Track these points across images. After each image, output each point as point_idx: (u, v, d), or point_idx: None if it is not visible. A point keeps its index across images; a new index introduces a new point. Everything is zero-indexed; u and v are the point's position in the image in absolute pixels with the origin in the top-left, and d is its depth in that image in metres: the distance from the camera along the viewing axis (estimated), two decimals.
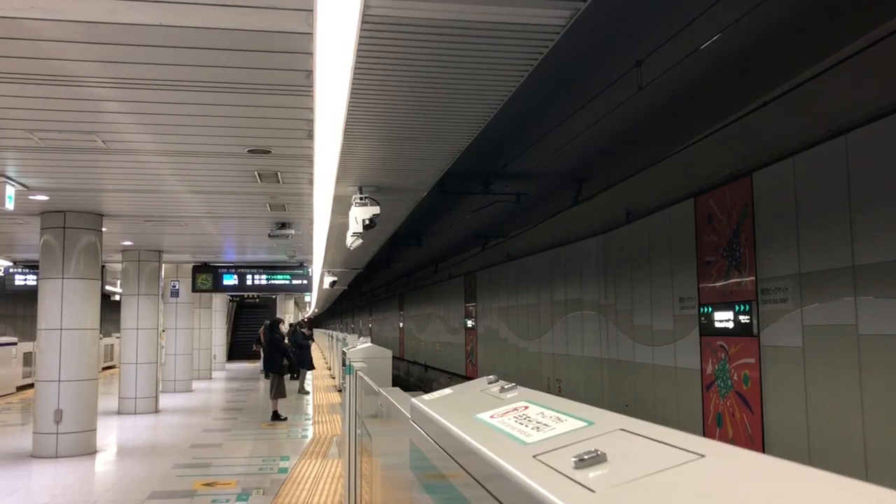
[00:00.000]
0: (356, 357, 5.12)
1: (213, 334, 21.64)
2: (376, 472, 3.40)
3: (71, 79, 4.35)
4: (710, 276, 8.47)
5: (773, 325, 7.29)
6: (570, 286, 13.35)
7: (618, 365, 11.29)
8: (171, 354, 16.71)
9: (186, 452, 9.01)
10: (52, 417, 8.63)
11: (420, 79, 4.16)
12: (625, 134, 8.40)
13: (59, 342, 8.72)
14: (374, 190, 7.28)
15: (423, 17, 3.34)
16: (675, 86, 6.79)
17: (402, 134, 5.36)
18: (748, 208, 7.71)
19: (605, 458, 0.90)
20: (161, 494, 6.83)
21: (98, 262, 9.29)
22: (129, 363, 13.04)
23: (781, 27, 5.78)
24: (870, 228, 6.08)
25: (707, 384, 8.55)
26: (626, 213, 10.84)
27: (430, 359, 25.88)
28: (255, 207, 8.82)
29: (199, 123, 5.31)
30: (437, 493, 1.58)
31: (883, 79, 5.83)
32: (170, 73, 4.26)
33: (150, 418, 12.41)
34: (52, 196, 8.05)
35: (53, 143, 5.79)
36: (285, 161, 6.40)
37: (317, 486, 6.98)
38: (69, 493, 7.02)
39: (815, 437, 6.70)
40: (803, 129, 6.79)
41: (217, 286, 15.36)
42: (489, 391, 1.72)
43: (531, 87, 5.27)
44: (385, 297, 38.18)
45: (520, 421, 1.28)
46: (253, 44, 3.83)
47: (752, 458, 0.81)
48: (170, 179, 7.18)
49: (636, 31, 5.99)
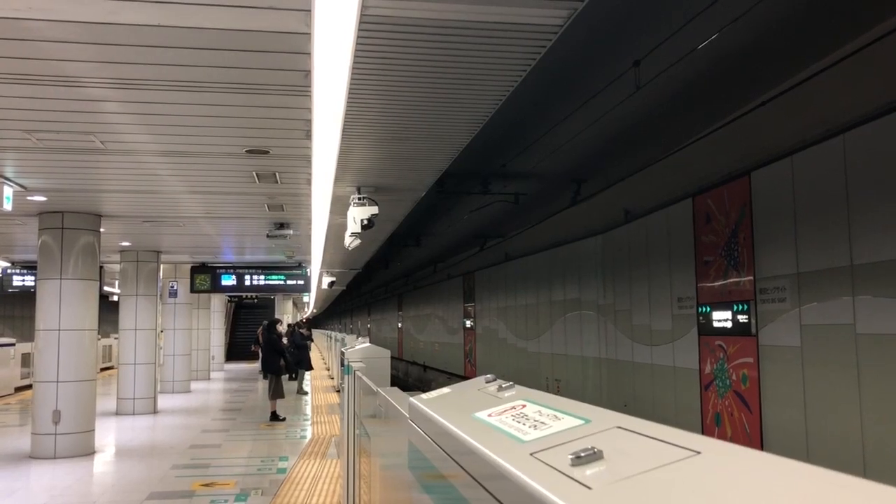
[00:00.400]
0: (354, 357, 5.12)
1: (211, 335, 21.64)
2: (375, 472, 3.41)
3: (69, 79, 4.35)
4: (709, 276, 8.48)
5: (771, 325, 7.30)
6: (568, 286, 13.36)
7: (616, 365, 11.30)
8: (170, 355, 16.70)
9: (185, 453, 9.01)
10: (50, 418, 8.62)
11: (418, 78, 4.16)
12: (623, 134, 8.41)
13: (57, 343, 8.72)
14: (373, 190, 7.28)
15: (421, 17, 3.34)
16: (674, 85, 6.79)
17: (400, 134, 5.36)
18: (746, 208, 7.72)
19: (602, 456, 0.90)
20: (160, 495, 6.83)
21: (96, 263, 9.29)
22: (127, 364, 13.03)
23: (779, 27, 5.79)
24: (868, 228, 6.09)
25: (706, 384, 8.56)
26: (624, 213, 10.85)
27: (429, 359, 25.88)
28: (254, 208, 8.82)
29: (198, 124, 5.31)
30: (436, 492, 1.58)
31: (881, 78, 5.84)
32: (168, 73, 4.26)
33: (148, 419, 12.40)
34: (50, 197, 8.04)
35: (51, 144, 5.78)
36: (283, 161, 6.40)
37: (315, 487, 6.98)
38: (67, 493, 7.01)
39: (813, 436, 6.71)
40: (801, 129, 6.80)
41: (215, 287, 15.35)
42: (487, 390, 1.73)
43: (529, 87, 5.27)
44: (384, 297, 38.18)
45: (517, 419, 1.28)
46: (251, 44, 3.83)
47: (748, 455, 0.81)
48: (168, 180, 7.18)
49: (634, 30, 6.00)
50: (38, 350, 8.89)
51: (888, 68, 5.66)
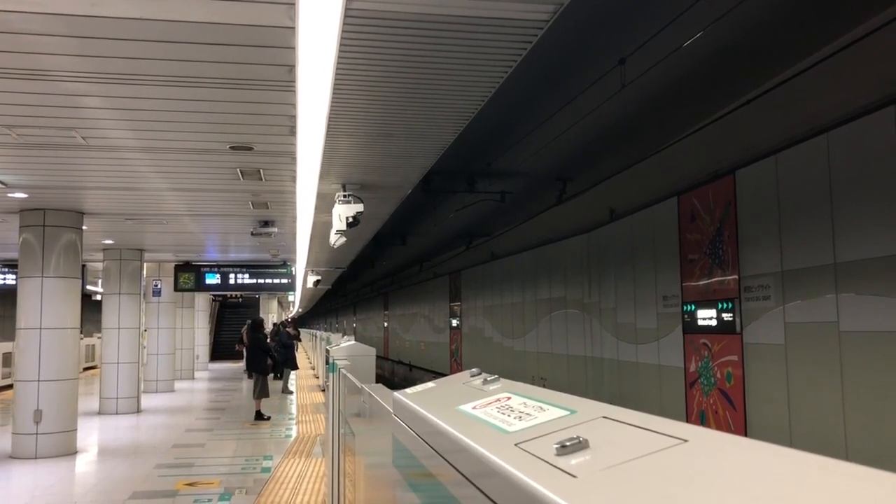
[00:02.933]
0: (340, 355, 5.09)
1: (195, 334, 21.49)
2: (360, 470, 3.38)
3: (50, 73, 4.29)
4: (694, 275, 8.51)
5: (755, 323, 7.33)
6: (554, 285, 13.38)
7: (601, 363, 11.32)
8: (154, 354, 16.57)
9: (169, 452, 8.93)
10: (31, 418, 8.52)
11: (404, 74, 4.14)
12: (608, 132, 8.42)
13: (38, 342, 8.61)
14: (358, 187, 7.25)
15: (406, 12, 3.32)
16: (659, 84, 6.81)
17: (385, 130, 5.34)
18: (731, 206, 7.75)
19: (588, 445, 0.89)
20: (143, 494, 6.76)
21: (78, 261, 9.19)
22: (110, 363, 12.92)
23: (764, 25, 5.81)
24: (851, 226, 6.13)
25: (690, 382, 8.59)
26: (609, 212, 10.87)
27: (415, 358, 25.85)
28: (238, 205, 8.75)
29: (181, 119, 5.26)
30: (420, 488, 1.56)
31: (864, 77, 5.88)
32: (150, 67, 4.21)
33: (131, 418, 12.29)
34: (32, 193, 7.95)
35: (32, 140, 5.71)
36: (268, 158, 6.36)
37: (300, 486, 6.94)
38: (49, 494, 6.93)
39: (797, 433, 6.75)
40: (786, 128, 6.83)
41: (199, 285, 15.25)
42: (472, 384, 1.71)
43: (514, 84, 5.26)
44: (369, 296, 38.09)
45: (502, 411, 1.26)
46: (234, 38, 3.79)
47: (735, 442, 0.80)
48: (151, 177, 7.11)
49: (619, 28, 6.01)
50: (19, 349, 8.78)
51: (873, 66, 5.70)
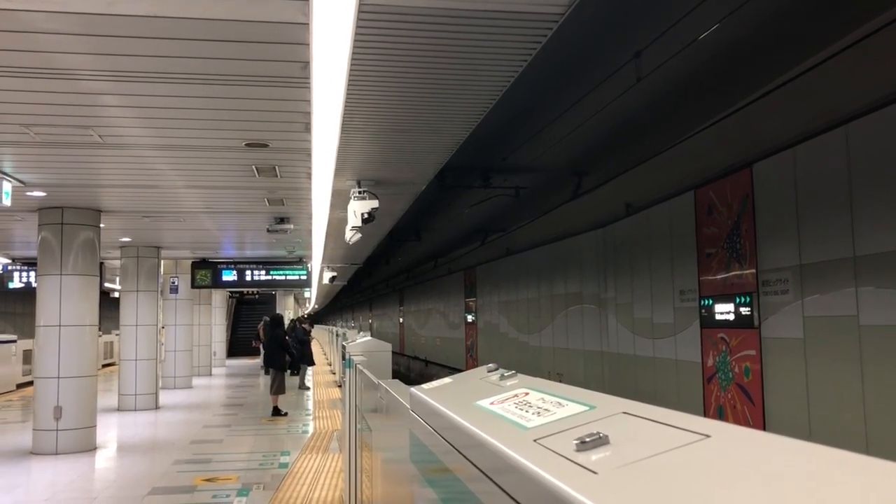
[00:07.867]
0: (356, 351, 5.10)
1: (212, 330, 21.63)
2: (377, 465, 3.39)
3: (67, 72, 4.32)
4: (711, 269, 8.45)
5: (773, 317, 7.27)
6: (569, 280, 13.33)
7: (618, 358, 11.27)
8: (171, 351, 16.70)
9: (187, 448, 9.00)
10: (51, 414, 8.61)
11: (418, 69, 4.13)
12: (624, 126, 8.36)
13: (57, 339, 8.70)
14: (373, 184, 7.25)
15: (420, 6, 3.31)
16: (675, 77, 6.75)
17: (400, 126, 5.33)
18: (748, 200, 7.68)
19: (608, 441, 0.88)
20: (162, 490, 6.82)
21: (96, 259, 9.27)
22: (128, 360, 13.03)
23: (782, 16, 5.74)
24: (870, 219, 6.06)
25: (708, 377, 8.53)
26: (626, 206, 10.81)
27: (431, 354, 25.86)
28: (254, 202, 8.79)
29: (196, 117, 5.28)
30: (438, 483, 1.56)
31: (884, 68, 5.80)
32: (165, 65, 4.23)
33: (150, 415, 12.40)
34: (50, 192, 8.02)
35: (50, 138, 5.75)
36: (283, 155, 6.37)
37: (317, 481, 6.97)
38: (69, 489, 7.00)
39: (816, 428, 6.68)
40: (804, 120, 6.76)
41: (216, 282, 15.33)
42: (489, 379, 1.70)
43: (529, 78, 5.23)
44: (385, 292, 38.13)
45: (520, 407, 1.25)
46: (249, 35, 3.80)
47: (758, 438, 0.79)
48: (167, 174, 7.15)
49: (635, 20, 5.96)
50: (39, 346, 8.87)
51: (892, 57, 5.62)
